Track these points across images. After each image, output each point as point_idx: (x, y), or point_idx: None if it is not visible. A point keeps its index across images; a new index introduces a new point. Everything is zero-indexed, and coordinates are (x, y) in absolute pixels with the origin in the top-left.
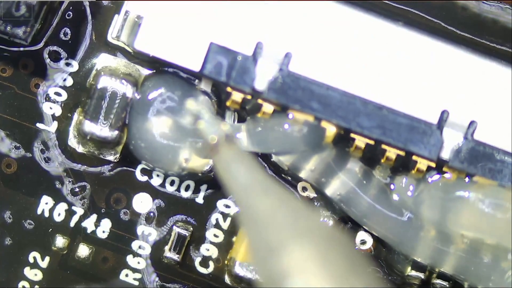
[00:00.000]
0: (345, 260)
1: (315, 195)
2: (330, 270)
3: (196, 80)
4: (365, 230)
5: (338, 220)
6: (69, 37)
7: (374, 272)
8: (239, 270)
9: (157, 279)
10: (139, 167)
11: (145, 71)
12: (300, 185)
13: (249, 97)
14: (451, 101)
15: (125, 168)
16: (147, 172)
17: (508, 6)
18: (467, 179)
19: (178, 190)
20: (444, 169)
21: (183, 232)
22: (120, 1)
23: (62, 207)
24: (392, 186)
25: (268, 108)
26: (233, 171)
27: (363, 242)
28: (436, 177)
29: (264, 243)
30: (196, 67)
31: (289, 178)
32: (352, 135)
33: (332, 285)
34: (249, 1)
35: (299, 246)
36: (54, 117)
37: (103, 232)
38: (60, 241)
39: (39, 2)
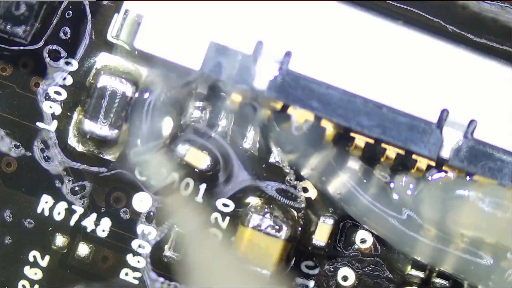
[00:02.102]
0: None
1: (316, 195)
2: None
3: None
4: (365, 229)
5: (338, 219)
6: (68, 36)
7: None
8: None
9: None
10: (139, 166)
11: (145, 70)
12: (300, 185)
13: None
14: (451, 100)
15: (124, 167)
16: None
17: (508, 5)
18: (467, 178)
19: (178, 189)
20: (444, 168)
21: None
22: (120, 0)
23: (62, 206)
24: (392, 185)
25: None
26: (179, 216)
27: (363, 241)
28: (436, 176)
29: None
30: (195, 65)
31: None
32: (352, 134)
33: None
34: (249, 1)
35: None
36: (54, 116)
37: (103, 231)
38: (60, 240)
39: (39, 1)
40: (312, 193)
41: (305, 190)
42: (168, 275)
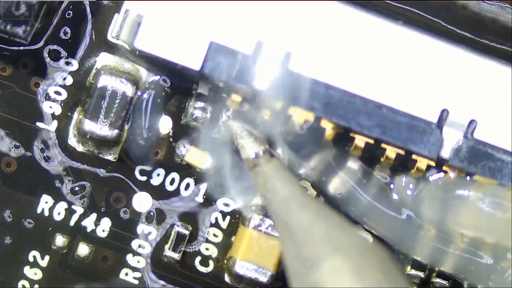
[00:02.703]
0: (382, 276)
1: (314, 195)
2: (366, 286)
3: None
4: (365, 229)
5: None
6: (69, 36)
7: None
8: (239, 269)
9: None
10: (139, 166)
11: (145, 70)
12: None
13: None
14: (451, 100)
15: (124, 167)
16: (146, 171)
17: (508, 5)
18: (467, 178)
19: (178, 189)
20: (444, 168)
21: (183, 231)
22: (120, 0)
23: (62, 206)
24: (392, 185)
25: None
26: (271, 185)
27: None
28: (436, 176)
29: (301, 257)
30: (196, 66)
31: None
32: (352, 134)
33: None
34: (249, 1)
35: (335, 261)
36: (54, 116)
37: (103, 231)
38: (60, 240)
39: (39, 1)
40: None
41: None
42: (168, 275)
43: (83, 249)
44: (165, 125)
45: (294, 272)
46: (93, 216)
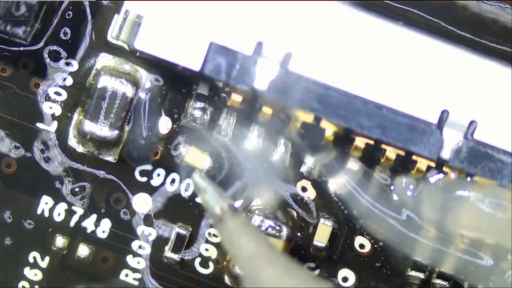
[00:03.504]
0: None
1: (315, 195)
2: None
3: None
4: (363, 235)
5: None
6: (69, 36)
7: None
8: (240, 270)
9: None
10: (139, 167)
11: (144, 71)
12: (299, 185)
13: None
14: (451, 100)
15: (124, 168)
16: (146, 172)
17: (508, 6)
18: (467, 179)
19: (178, 189)
20: (444, 169)
21: (183, 232)
22: (120, 0)
23: (62, 207)
24: (392, 186)
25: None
26: (237, 241)
27: (362, 246)
28: (436, 177)
29: None
30: (196, 66)
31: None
32: (352, 135)
33: None
34: (249, 1)
35: None
36: (54, 117)
37: (103, 232)
38: (60, 241)
39: (39, 2)
40: (311, 194)
41: (304, 189)
42: (168, 276)
43: (83, 250)
44: (164, 125)
45: None
46: (93, 217)
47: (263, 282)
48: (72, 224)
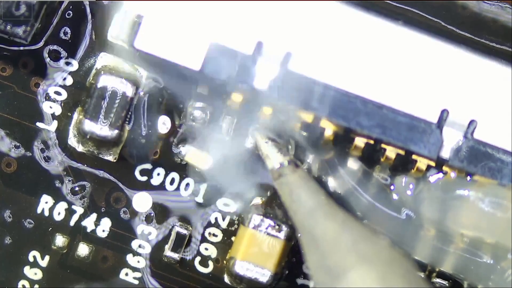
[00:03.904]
0: (407, 286)
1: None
2: None
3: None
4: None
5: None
6: (69, 36)
7: None
8: (239, 270)
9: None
10: (139, 167)
11: (144, 71)
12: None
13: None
14: (451, 100)
15: (124, 167)
16: (146, 171)
17: (508, 5)
18: (467, 178)
19: (177, 189)
20: (444, 168)
21: (183, 231)
22: (120, 0)
23: (62, 206)
24: (392, 186)
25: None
26: (296, 196)
27: None
28: (436, 176)
29: (326, 267)
30: (196, 66)
31: None
32: (352, 135)
33: None
34: (249, 1)
35: (361, 271)
36: (54, 116)
37: (103, 231)
38: (60, 240)
39: (39, 1)
40: None
41: None
42: (168, 275)
43: (83, 249)
44: (164, 125)
45: (320, 282)
46: (93, 216)
47: (322, 235)
48: (72, 223)
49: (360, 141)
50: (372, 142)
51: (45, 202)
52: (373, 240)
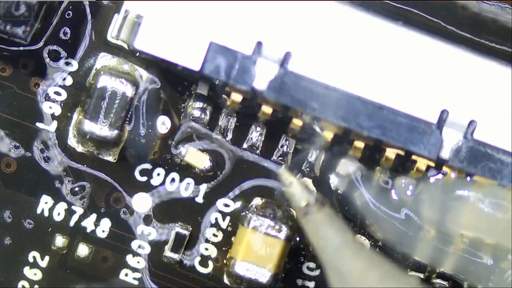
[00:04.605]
0: None
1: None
2: None
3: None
4: (362, 234)
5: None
6: (68, 36)
7: None
8: (239, 270)
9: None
10: (138, 167)
11: (144, 71)
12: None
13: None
14: (451, 100)
15: (124, 167)
16: (146, 172)
17: (508, 6)
18: (467, 179)
19: (177, 189)
20: (444, 168)
21: (183, 231)
22: (120, 0)
23: (61, 206)
24: (391, 186)
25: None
26: (323, 233)
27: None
28: (436, 176)
29: None
30: (196, 66)
31: None
32: (352, 136)
33: None
34: (249, 1)
35: None
36: (53, 117)
37: (103, 231)
38: (60, 241)
39: (38, 1)
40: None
41: None
42: (168, 276)
43: (83, 250)
44: (164, 125)
45: None
46: (93, 216)
47: (349, 273)
48: (71, 223)
49: (360, 142)
50: (371, 143)
51: (44, 202)
52: (400, 278)
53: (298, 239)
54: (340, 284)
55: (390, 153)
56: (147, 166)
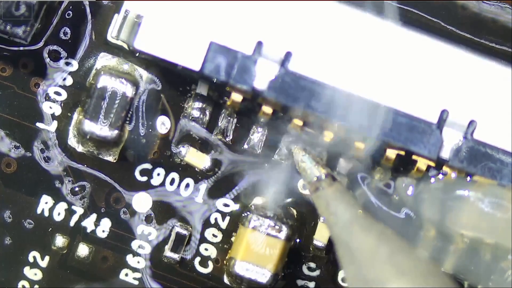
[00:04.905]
0: None
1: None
2: None
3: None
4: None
5: None
6: (68, 36)
7: None
8: (239, 270)
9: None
10: (139, 167)
11: (144, 71)
12: (300, 183)
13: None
14: (451, 100)
15: (124, 167)
16: (146, 172)
17: (508, 6)
18: (467, 179)
19: (177, 189)
20: (444, 168)
21: (183, 231)
22: (120, 0)
23: (62, 206)
24: (392, 186)
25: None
26: (333, 208)
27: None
28: (436, 176)
29: (363, 280)
30: (196, 66)
31: None
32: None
33: None
34: (249, 1)
35: (399, 284)
36: (53, 117)
37: (103, 231)
38: (60, 241)
39: (38, 1)
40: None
41: (304, 187)
42: (168, 276)
43: (83, 250)
44: (163, 125)
45: None
46: (93, 216)
47: (359, 248)
48: (72, 223)
49: (359, 143)
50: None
51: (45, 202)
52: (410, 253)
53: (298, 240)
54: (350, 260)
55: (390, 153)
56: (147, 166)
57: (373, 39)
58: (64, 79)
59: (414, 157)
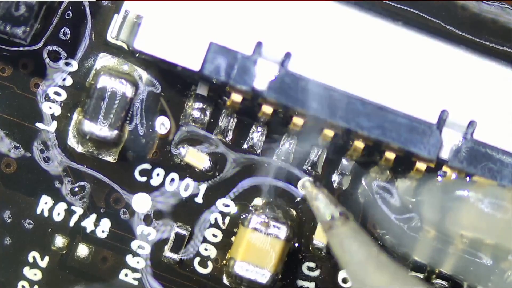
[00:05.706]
0: None
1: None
2: None
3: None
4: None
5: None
6: (68, 36)
7: None
8: (239, 270)
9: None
10: (138, 167)
11: (144, 71)
12: (300, 183)
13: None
14: (451, 101)
15: (124, 168)
16: (146, 172)
17: (508, 6)
18: (466, 179)
19: (177, 189)
20: (444, 169)
21: (182, 232)
22: (120, 1)
23: (61, 206)
24: (391, 186)
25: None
26: (347, 247)
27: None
28: (436, 177)
29: None
30: (196, 66)
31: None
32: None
33: None
34: (249, 1)
35: None
36: (53, 117)
37: (103, 231)
38: (60, 241)
39: (38, 2)
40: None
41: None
42: (168, 276)
43: (82, 250)
44: (163, 125)
45: None
46: (93, 216)
47: (373, 286)
48: (71, 224)
49: (359, 142)
50: (371, 143)
51: (44, 202)
52: None
53: (297, 245)
54: None
55: (390, 153)
56: (147, 166)
57: (373, 40)
58: (64, 79)
59: (414, 157)
